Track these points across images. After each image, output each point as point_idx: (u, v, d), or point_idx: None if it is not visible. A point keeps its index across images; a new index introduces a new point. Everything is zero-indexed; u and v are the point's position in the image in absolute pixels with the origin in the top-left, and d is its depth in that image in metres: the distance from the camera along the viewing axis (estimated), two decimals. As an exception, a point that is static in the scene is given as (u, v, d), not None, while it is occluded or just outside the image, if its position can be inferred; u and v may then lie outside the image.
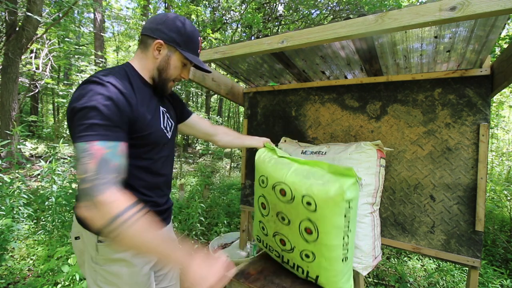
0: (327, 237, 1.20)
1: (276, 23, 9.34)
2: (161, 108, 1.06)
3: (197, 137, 1.55)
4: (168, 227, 1.17)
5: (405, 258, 2.83)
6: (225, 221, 3.59)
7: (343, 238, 1.21)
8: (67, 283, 1.86)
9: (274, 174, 1.36)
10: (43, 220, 2.93)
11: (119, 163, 0.77)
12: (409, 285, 2.36)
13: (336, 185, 1.16)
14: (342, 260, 1.23)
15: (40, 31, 6.31)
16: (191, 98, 16.34)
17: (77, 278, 1.78)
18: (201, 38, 1.04)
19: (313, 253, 1.27)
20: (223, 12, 9.72)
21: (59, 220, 2.79)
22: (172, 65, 0.99)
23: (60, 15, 6.52)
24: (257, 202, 1.58)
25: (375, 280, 2.41)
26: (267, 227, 1.51)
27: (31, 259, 2.42)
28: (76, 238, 0.96)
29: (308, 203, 1.21)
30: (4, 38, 6.25)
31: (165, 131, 1.04)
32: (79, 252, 1.00)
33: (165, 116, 1.07)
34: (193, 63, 1.03)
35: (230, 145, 1.49)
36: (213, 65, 2.87)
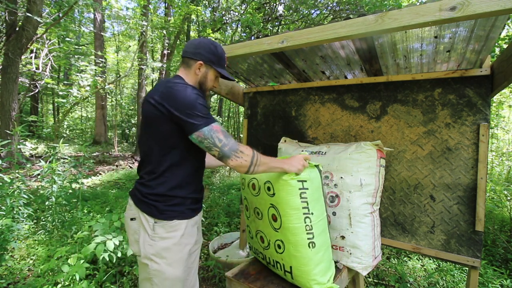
0: (287, 219, 1.28)
1: (276, 23, 9.34)
2: None
3: None
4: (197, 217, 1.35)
5: (405, 258, 2.83)
6: (225, 221, 3.60)
7: (304, 220, 1.27)
8: (67, 283, 1.86)
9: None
10: (43, 220, 2.93)
11: (227, 132, 1.14)
12: (409, 285, 2.35)
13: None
14: (309, 246, 1.26)
15: (40, 31, 6.31)
16: (191, 98, 16.29)
17: (77, 278, 1.78)
18: (225, 55, 1.33)
19: (282, 241, 1.32)
20: (223, 12, 9.72)
21: (59, 220, 2.79)
22: (209, 79, 1.27)
23: (60, 15, 6.52)
24: (244, 207, 1.64)
25: (375, 280, 2.41)
26: (251, 228, 1.57)
27: (31, 259, 2.42)
28: (132, 219, 1.19)
29: (268, 188, 1.33)
30: (4, 38, 6.25)
31: None
32: (132, 231, 1.20)
33: None
34: (224, 75, 1.30)
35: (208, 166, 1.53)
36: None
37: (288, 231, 1.28)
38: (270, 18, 9.04)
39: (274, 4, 9.07)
